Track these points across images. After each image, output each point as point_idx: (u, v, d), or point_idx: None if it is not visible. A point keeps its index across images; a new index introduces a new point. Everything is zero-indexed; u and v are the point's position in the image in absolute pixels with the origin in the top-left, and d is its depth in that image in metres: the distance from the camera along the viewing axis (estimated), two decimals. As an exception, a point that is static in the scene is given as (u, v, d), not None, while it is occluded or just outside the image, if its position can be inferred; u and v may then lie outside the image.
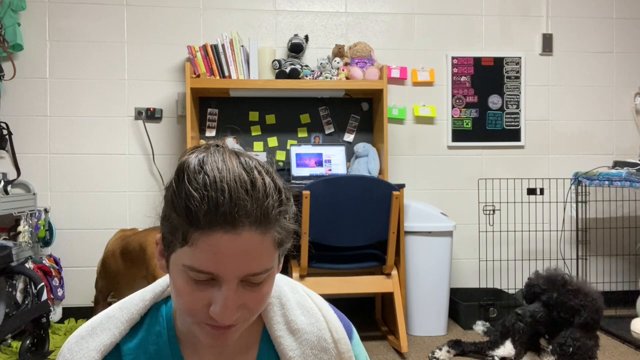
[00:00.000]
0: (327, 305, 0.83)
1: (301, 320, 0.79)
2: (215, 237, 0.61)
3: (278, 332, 0.78)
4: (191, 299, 0.65)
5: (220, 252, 0.62)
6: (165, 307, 0.79)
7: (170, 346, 0.76)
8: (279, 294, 0.80)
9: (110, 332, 0.75)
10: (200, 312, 0.65)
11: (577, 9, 3.37)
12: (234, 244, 0.62)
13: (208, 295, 0.65)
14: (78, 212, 3.03)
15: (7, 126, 2.96)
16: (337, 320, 0.82)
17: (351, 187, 2.43)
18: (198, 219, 0.61)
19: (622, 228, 3.31)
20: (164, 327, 0.77)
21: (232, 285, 0.64)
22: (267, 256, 0.65)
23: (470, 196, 3.28)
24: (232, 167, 0.64)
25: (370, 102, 3.19)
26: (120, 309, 0.78)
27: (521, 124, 3.31)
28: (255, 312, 0.69)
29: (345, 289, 2.53)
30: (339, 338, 0.80)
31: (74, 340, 0.76)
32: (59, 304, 2.86)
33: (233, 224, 0.61)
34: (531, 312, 1.96)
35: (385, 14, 3.25)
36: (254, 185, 0.63)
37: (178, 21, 3.11)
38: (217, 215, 0.61)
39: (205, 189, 0.62)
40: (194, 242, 0.62)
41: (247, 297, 0.66)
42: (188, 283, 0.65)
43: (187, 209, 0.62)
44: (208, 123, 3.10)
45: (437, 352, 2.39)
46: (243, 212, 0.62)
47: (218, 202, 0.61)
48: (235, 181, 0.62)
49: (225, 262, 0.62)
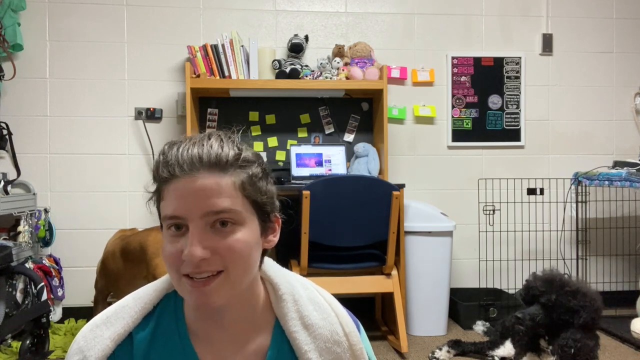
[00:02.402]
0: (336, 302, 0.87)
1: (314, 315, 0.82)
2: (177, 183, 0.72)
3: (293, 328, 0.80)
4: (170, 250, 0.73)
5: (182, 195, 0.71)
6: (176, 298, 0.82)
7: (179, 335, 0.79)
8: (291, 290, 0.83)
9: (124, 321, 0.79)
10: (177, 261, 0.72)
11: (577, 9, 3.37)
12: (191, 185, 0.71)
13: (181, 244, 0.72)
14: (78, 212, 3.03)
15: (7, 126, 2.96)
16: (346, 314, 0.86)
17: (351, 187, 2.43)
18: (164, 173, 0.73)
19: (622, 228, 3.31)
20: (174, 317, 0.80)
21: (197, 224, 0.71)
22: (226, 196, 0.72)
23: (470, 196, 3.28)
24: (196, 137, 0.76)
25: (370, 102, 3.19)
26: (134, 299, 0.82)
27: (521, 124, 3.31)
28: (233, 266, 0.73)
29: (345, 289, 2.53)
30: (350, 331, 0.83)
31: (89, 329, 0.79)
32: (59, 304, 2.86)
33: (190, 170, 0.72)
34: (531, 315, 1.96)
35: (385, 14, 3.25)
36: (209, 141, 0.74)
37: (178, 21, 3.11)
38: (176, 166, 0.72)
39: (170, 151, 0.74)
40: (165, 195, 0.74)
41: (216, 242, 0.72)
42: (168, 238, 0.74)
43: (157, 170, 0.75)
44: (208, 123, 3.10)
45: (437, 352, 2.39)
46: (197, 159, 0.72)
47: (177, 156, 0.73)
48: (194, 143, 0.74)
49: (187, 202, 0.71)
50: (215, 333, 0.79)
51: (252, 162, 0.77)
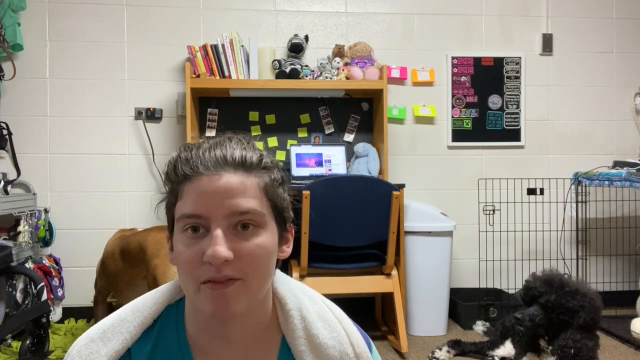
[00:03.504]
0: (346, 318, 0.82)
1: (323, 334, 0.77)
2: (199, 181, 0.69)
3: (300, 347, 0.76)
4: (188, 254, 0.68)
5: (204, 192, 0.68)
6: (177, 311, 0.78)
7: (182, 352, 0.75)
8: (298, 305, 0.79)
9: (122, 336, 0.74)
10: (197, 265, 0.68)
11: (577, 9, 3.37)
12: (216, 183, 0.68)
13: (202, 247, 0.68)
14: (78, 212, 3.03)
15: (7, 126, 2.96)
16: (357, 333, 0.81)
17: (351, 187, 2.43)
18: (184, 170, 0.70)
19: (622, 228, 3.31)
20: (175, 332, 0.76)
21: (221, 224, 0.68)
22: (250, 196, 0.70)
23: (470, 196, 3.28)
24: (215, 139, 0.74)
25: (370, 102, 3.19)
26: (132, 312, 0.77)
27: (521, 124, 3.31)
28: (253, 274, 0.69)
29: (345, 289, 2.53)
30: (361, 352, 0.78)
31: (84, 343, 0.74)
32: (59, 304, 2.86)
33: (214, 168, 0.69)
34: (530, 315, 1.95)
35: (385, 14, 3.25)
36: (232, 143, 0.73)
37: (178, 21, 3.11)
38: (199, 165, 0.69)
39: (189, 152, 0.72)
40: (184, 194, 0.69)
41: (239, 244, 0.68)
42: (185, 241, 0.69)
43: (176, 169, 0.71)
44: (208, 123, 3.10)
45: (437, 352, 2.39)
46: (222, 159, 0.70)
47: (199, 155, 0.70)
48: (216, 144, 0.72)
49: (209, 200, 0.68)
50: (220, 349, 0.75)
51: (273, 166, 0.75)
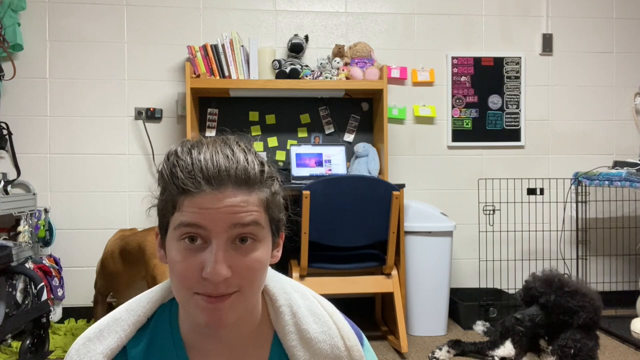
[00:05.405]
0: (337, 312, 0.83)
1: (313, 328, 0.78)
2: (201, 197, 0.67)
3: (291, 342, 0.77)
4: (185, 266, 0.67)
5: (206, 208, 0.67)
6: (170, 310, 0.79)
7: (176, 349, 0.77)
8: (289, 301, 0.80)
9: (117, 334, 0.76)
10: (193, 278, 0.67)
11: (577, 9, 3.37)
12: (218, 200, 0.67)
13: (200, 260, 0.67)
14: (78, 212, 3.03)
15: (7, 126, 2.96)
16: (348, 327, 0.82)
17: (351, 187, 2.43)
18: (186, 185, 0.67)
19: (622, 228, 3.31)
20: (169, 330, 0.78)
21: (221, 239, 0.67)
22: (251, 211, 0.69)
23: (470, 196, 3.28)
24: (214, 142, 0.72)
25: (370, 102, 3.19)
26: (127, 311, 0.78)
27: (521, 124, 3.31)
28: (248, 286, 0.69)
29: (345, 289, 2.53)
30: (352, 345, 0.79)
31: (82, 342, 0.76)
32: (59, 304, 2.86)
33: (217, 185, 0.67)
34: (530, 316, 1.95)
35: (385, 14, 3.25)
36: (234, 153, 0.70)
37: (178, 21, 3.11)
38: (202, 179, 0.67)
39: (192, 159, 0.69)
40: (183, 207, 0.68)
41: (237, 260, 0.68)
42: (181, 251, 0.68)
43: (175, 179, 0.68)
44: (208, 123, 3.10)
45: (437, 352, 2.40)
46: (225, 174, 0.68)
47: (202, 168, 0.68)
48: (217, 151, 0.69)
49: (211, 214, 0.66)
50: (213, 346, 0.77)
51: (274, 178, 0.75)
